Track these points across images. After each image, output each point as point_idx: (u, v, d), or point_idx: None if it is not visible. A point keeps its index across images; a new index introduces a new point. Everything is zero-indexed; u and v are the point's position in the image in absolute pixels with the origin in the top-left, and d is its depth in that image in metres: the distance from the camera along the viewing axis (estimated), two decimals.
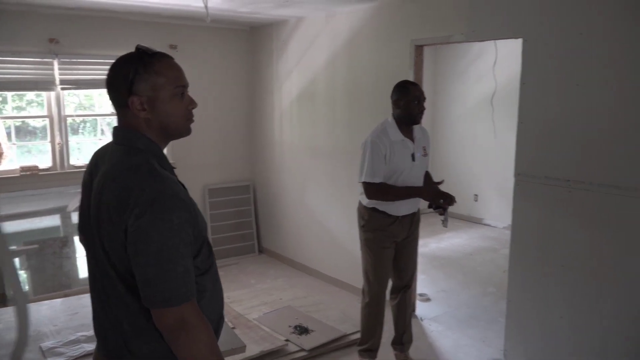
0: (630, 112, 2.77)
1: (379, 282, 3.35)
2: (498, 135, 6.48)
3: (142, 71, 1.41)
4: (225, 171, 5.86)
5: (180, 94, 1.47)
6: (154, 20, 5.00)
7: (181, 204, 1.33)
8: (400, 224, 3.26)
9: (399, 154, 3.14)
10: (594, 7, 2.87)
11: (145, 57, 1.42)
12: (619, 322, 2.91)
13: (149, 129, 1.45)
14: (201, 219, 1.43)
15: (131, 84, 1.40)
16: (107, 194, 1.37)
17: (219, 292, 1.56)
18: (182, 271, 1.31)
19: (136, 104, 1.41)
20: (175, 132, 1.51)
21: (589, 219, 3.01)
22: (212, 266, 1.50)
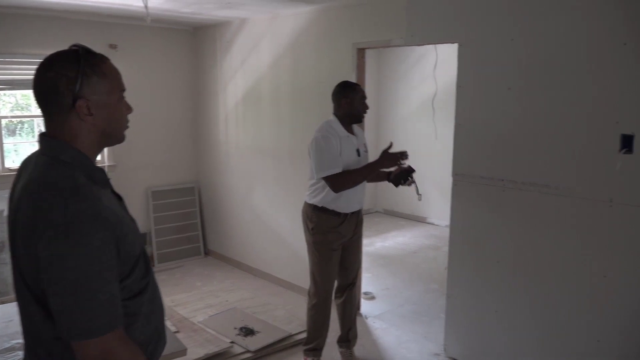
0: (558, 115, 2.92)
1: (327, 283, 3.39)
2: (439, 136, 6.66)
3: (90, 72, 1.29)
4: (170, 173, 5.78)
5: (122, 99, 1.40)
6: (93, 19, 4.87)
7: (103, 224, 1.20)
8: (349, 222, 3.31)
9: (347, 149, 3.21)
10: (524, 14, 3.01)
11: (90, 57, 1.30)
12: (552, 315, 3.06)
13: (88, 135, 1.33)
14: (133, 237, 1.32)
15: (77, 86, 1.27)
16: (22, 211, 1.25)
17: (158, 312, 1.46)
18: (105, 299, 1.19)
19: (84, 108, 1.28)
20: (115, 139, 1.42)
21: (521, 216, 3.15)
22: (149, 285, 1.40)
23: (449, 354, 3.64)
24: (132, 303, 1.33)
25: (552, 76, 2.93)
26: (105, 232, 1.20)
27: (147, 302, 1.39)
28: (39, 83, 1.29)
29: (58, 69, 1.27)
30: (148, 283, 1.39)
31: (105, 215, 1.22)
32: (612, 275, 2.79)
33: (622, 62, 2.66)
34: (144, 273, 1.37)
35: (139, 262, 1.35)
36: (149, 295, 1.39)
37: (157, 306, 1.45)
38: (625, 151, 2.68)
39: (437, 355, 3.67)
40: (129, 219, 1.37)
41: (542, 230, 3.07)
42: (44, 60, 1.31)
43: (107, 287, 1.20)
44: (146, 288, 1.38)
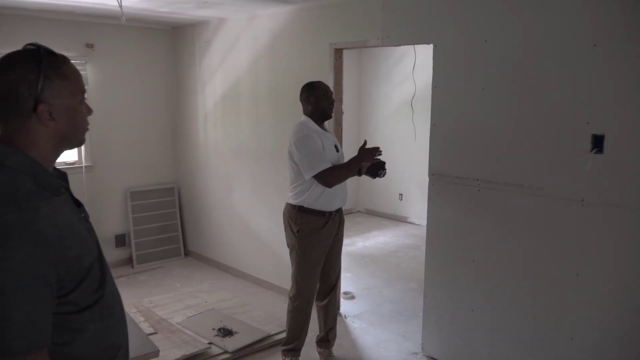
0: (531, 115, 2.96)
1: (310, 286, 3.38)
2: (418, 137, 6.70)
3: (52, 75, 1.22)
4: (149, 173, 5.73)
5: (83, 101, 1.33)
6: (69, 18, 4.82)
7: (33, 238, 1.11)
8: (332, 222, 3.32)
9: (327, 145, 3.24)
10: (497, 16, 3.04)
11: (51, 59, 1.24)
12: (526, 313, 3.10)
13: (47, 140, 1.26)
14: (80, 250, 1.24)
15: (39, 90, 1.20)
16: None
17: (115, 328, 1.38)
18: (25, 319, 1.10)
19: (46, 113, 1.22)
20: (75, 142, 1.34)
21: (496, 216, 3.18)
22: (102, 299, 1.30)
23: (426, 352, 3.67)
24: (78, 317, 1.25)
25: (525, 77, 2.96)
26: (34, 247, 1.12)
27: (98, 317, 1.30)
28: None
29: (19, 71, 1.20)
30: (101, 297, 1.31)
31: (39, 228, 1.13)
32: (584, 274, 2.83)
33: (592, 64, 2.70)
34: (96, 286, 1.29)
35: (89, 275, 1.27)
36: (100, 309, 1.30)
37: (115, 321, 1.37)
38: (596, 151, 2.72)
39: (415, 354, 3.69)
40: (80, 228, 1.28)
41: (516, 230, 3.10)
42: (2, 61, 1.22)
43: (28, 306, 1.11)
44: (98, 302, 1.29)
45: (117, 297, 1.42)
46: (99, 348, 1.32)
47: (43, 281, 1.13)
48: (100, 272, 1.32)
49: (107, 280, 1.35)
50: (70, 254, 1.20)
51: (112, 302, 1.37)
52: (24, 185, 1.18)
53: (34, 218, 1.14)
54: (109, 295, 1.35)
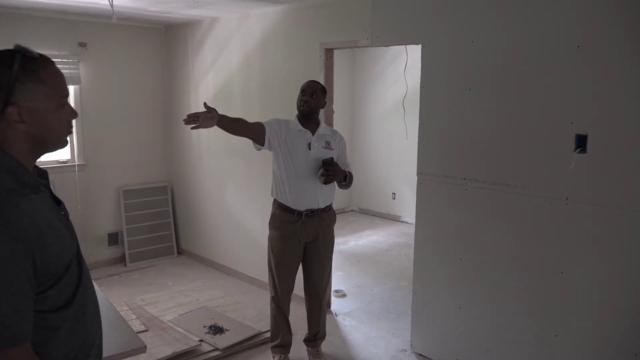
0: (516, 115, 3.00)
1: (280, 280, 3.41)
2: (409, 136, 6.73)
3: (24, 78, 1.22)
4: (141, 172, 5.75)
5: (63, 105, 1.32)
6: (61, 17, 4.83)
7: (14, 234, 1.14)
8: (304, 223, 3.30)
9: (294, 140, 3.27)
10: (483, 17, 3.08)
11: (26, 62, 1.24)
12: (512, 310, 3.14)
13: (19, 142, 1.26)
14: (59, 247, 1.26)
15: (9, 92, 1.21)
16: None
17: (89, 326, 1.40)
18: (8, 313, 1.13)
19: (14, 115, 1.22)
20: (53, 146, 1.34)
21: (483, 214, 3.22)
22: (76, 297, 1.32)
23: (415, 349, 3.70)
24: (55, 316, 1.28)
25: (511, 77, 3.00)
26: (16, 242, 1.14)
27: (73, 315, 1.32)
28: None
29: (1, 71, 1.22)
30: (77, 294, 1.32)
31: (18, 224, 1.16)
32: (568, 272, 2.87)
33: (576, 64, 2.73)
34: (74, 284, 1.32)
35: (67, 273, 1.29)
36: (75, 307, 1.32)
37: (88, 319, 1.39)
38: (580, 151, 2.76)
39: (404, 351, 3.73)
40: (60, 226, 1.30)
41: (503, 228, 3.14)
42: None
43: (12, 300, 1.14)
44: (74, 300, 1.31)
45: (92, 295, 1.44)
46: (70, 346, 1.34)
47: (25, 276, 1.16)
48: (77, 269, 1.34)
49: (84, 277, 1.37)
50: (50, 251, 1.22)
51: (87, 299, 1.38)
52: (3, 182, 1.20)
53: (15, 214, 1.16)
54: (84, 293, 1.37)
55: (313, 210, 3.31)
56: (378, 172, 7.61)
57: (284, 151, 3.26)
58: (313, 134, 3.32)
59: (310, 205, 3.31)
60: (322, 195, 3.34)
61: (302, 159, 3.26)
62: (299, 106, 3.32)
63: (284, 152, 3.26)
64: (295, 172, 3.26)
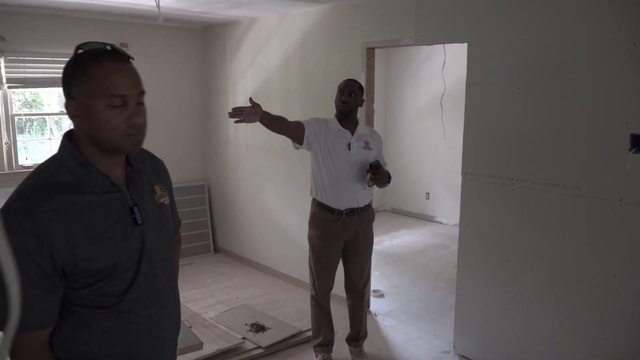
0: (568, 114, 2.94)
1: (321, 280, 3.42)
2: (447, 135, 6.68)
3: (78, 74, 1.26)
4: (180, 171, 5.82)
5: (120, 105, 1.27)
6: (103, 18, 4.92)
7: (29, 226, 1.17)
8: (344, 223, 3.30)
9: (333, 141, 3.27)
10: (533, 14, 3.03)
11: (81, 57, 1.27)
12: (561, 313, 3.08)
13: (83, 138, 1.31)
14: (95, 251, 1.25)
15: (69, 86, 1.27)
16: None
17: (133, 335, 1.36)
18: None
19: (71, 108, 1.27)
20: (110, 147, 1.30)
21: (531, 215, 3.17)
22: (121, 303, 1.31)
23: (458, 351, 3.67)
24: (90, 313, 1.29)
25: (562, 76, 2.95)
26: (28, 235, 1.17)
27: (114, 320, 1.32)
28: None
29: (65, 68, 1.29)
30: (121, 302, 1.31)
31: (40, 219, 1.18)
32: (621, 275, 2.81)
33: (631, 62, 2.67)
34: (121, 291, 1.31)
35: (110, 277, 1.28)
36: (116, 314, 1.32)
37: (133, 331, 1.35)
38: (635, 151, 2.69)
39: (447, 353, 3.70)
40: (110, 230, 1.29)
41: (551, 230, 3.09)
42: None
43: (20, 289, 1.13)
44: (115, 306, 1.31)
45: (154, 306, 1.39)
46: (105, 351, 1.33)
47: (37, 268, 1.19)
48: (132, 275, 1.33)
49: (138, 287, 1.34)
50: (77, 251, 1.23)
51: (139, 310, 1.36)
52: (55, 176, 1.25)
53: (42, 208, 1.20)
54: (133, 303, 1.34)
55: (353, 209, 3.31)
56: (411, 171, 7.56)
57: (323, 151, 3.27)
58: (352, 133, 3.31)
59: (350, 204, 3.31)
60: (362, 194, 3.35)
61: (342, 159, 3.26)
62: (337, 106, 3.32)
63: (323, 152, 3.27)
64: (335, 172, 3.26)
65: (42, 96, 5.22)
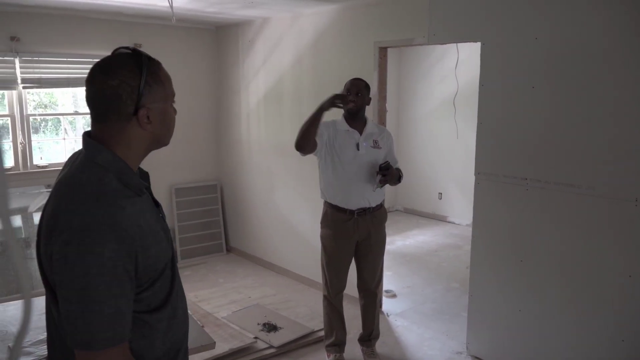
0: (583, 113, 2.91)
1: (333, 279, 3.41)
2: (460, 135, 6.64)
3: (151, 81, 1.27)
4: (192, 171, 5.86)
5: (173, 103, 1.38)
6: (117, 18, 4.96)
7: (120, 236, 1.16)
8: (356, 222, 3.30)
9: (342, 141, 3.26)
10: (548, 12, 3.00)
11: (151, 65, 1.29)
12: (576, 314, 3.05)
13: (142, 142, 1.32)
14: (157, 250, 1.28)
15: (140, 95, 1.25)
16: (48, 209, 1.25)
17: (177, 328, 1.40)
18: (110, 313, 1.15)
19: (142, 117, 1.27)
20: (165, 143, 1.39)
21: (545, 215, 3.14)
22: (169, 300, 1.34)
23: (471, 352, 3.65)
24: (150, 318, 1.30)
25: (577, 74, 2.91)
26: (120, 244, 1.16)
27: (166, 318, 1.34)
28: (100, 90, 1.25)
29: (122, 77, 1.23)
30: (169, 299, 1.34)
31: (124, 226, 1.18)
32: (637, 275, 2.77)
33: None
34: (168, 289, 1.34)
35: (162, 276, 1.31)
36: (169, 310, 1.35)
37: (177, 323, 1.40)
38: None
39: (460, 354, 3.68)
40: (159, 228, 1.33)
41: (566, 230, 3.05)
42: (103, 65, 1.27)
43: (114, 301, 1.15)
44: (167, 303, 1.34)
45: (183, 299, 1.45)
46: (162, 349, 1.35)
47: (127, 277, 1.18)
48: (171, 273, 1.36)
49: (176, 281, 1.39)
50: (149, 254, 1.24)
51: (178, 303, 1.40)
52: (110, 183, 1.23)
53: (121, 216, 1.19)
54: (176, 297, 1.38)
55: (364, 209, 3.30)
56: (424, 171, 7.53)
57: (332, 154, 3.26)
58: (361, 133, 3.30)
59: (361, 204, 3.30)
60: (372, 194, 3.33)
61: (350, 160, 3.25)
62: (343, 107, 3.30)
63: (332, 154, 3.26)
64: (344, 173, 3.25)
65: (57, 96, 5.27)
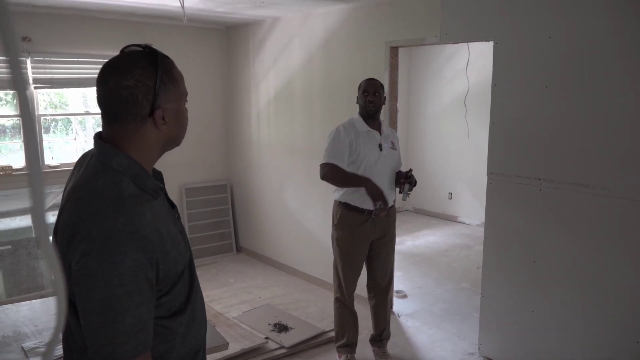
0: (597, 113, 2.88)
1: (347, 280, 3.40)
2: (471, 135, 6.61)
3: (167, 80, 1.23)
4: (203, 170, 5.86)
5: (186, 102, 1.34)
6: (128, 19, 4.97)
7: (141, 244, 1.13)
8: (373, 222, 3.29)
9: (365, 143, 3.24)
10: (561, 11, 2.97)
11: (165, 64, 1.24)
12: (590, 316, 3.02)
13: (156, 143, 1.28)
14: (176, 254, 1.24)
15: (155, 95, 1.21)
16: (64, 216, 1.20)
17: (195, 332, 1.37)
18: (133, 323, 1.12)
19: (158, 117, 1.23)
20: (178, 143, 1.36)
21: (559, 216, 3.11)
22: (189, 303, 1.32)
23: (483, 353, 3.62)
24: (169, 322, 1.27)
25: (591, 74, 2.88)
26: (141, 252, 1.13)
27: (185, 321, 1.32)
28: (114, 90, 1.20)
29: (138, 77, 1.19)
30: (190, 301, 1.32)
31: (144, 234, 1.15)
32: None
33: None
34: (187, 292, 1.31)
35: (181, 279, 1.28)
36: (189, 313, 1.32)
37: (197, 325, 1.37)
38: None
39: (472, 355, 3.66)
40: (176, 231, 1.29)
41: (580, 231, 3.03)
42: (116, 64, 1.23)
43: (137, 310, 1.13)
44: (187, 306, 1.31)
45: (201, 301, 1.42)
46: (182, 353, 1.33)
47: (148, 285, 1.16)
48: (189, 276, 1.33)
49: (195, 283, 1.36)
50: (169, 258, 1.21)
51: (197, 305, 1.37)
52: (128, 189, 1.19)
53: (141, 223, 1.15)
54: (195, 299, 1.35)
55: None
56: (434, 171, 7.50)
57: (355, 156, 3.24)
58: (380, 133, 3.30)
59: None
60: (390, 193, 3.33)
61: (373, 161, 3.24)
62: (364, 107, 3.29)
63: (353, 156, 3.24)
64: (368, 174, 3.20)
65: (67, 97, 5.29)
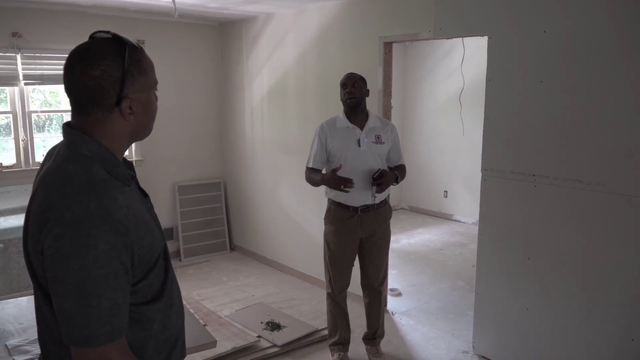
0: (591, 109, 2.85)
1: (337, 277, 3.37)
2: (466, 132, 6.58)
3: (134, 71, 1.21)
4: (196, 168, 5.82)
5: (155, 92, 1.31)
6: (120, 14, 4.92)
7: (114, 227, 1.11)
8: (360, 219, 3.25)
9: (342, 140, 3.22)
10: (556, 6, 2.94)
11: (133, 54, 1.21)
12: (584, 313, 3.00)
13: (124, 132, 1.26)
14: (151, 239, 1.23)
15: (122, 85, 1.19)
16: (35, 204, 1.18)
17: (175, 318, 1.36)
18: (108, 307, 1.10)
19: (125, 108, 1.21)
20: (147, 133, 1.35)
21: (553, 212, 3.08)
22: (165, 289, 1.30)
23: (477, 351, 3.59)
24: (147, 309, 1.26)
25: (586, 69, 2.85)
26: (115, 235, 1.11)
27: (162, 308, 1.30)
28: (80, 81, 1.18)
29: (104, 67, 1.17)
30: (165, 287, 1.31)
31: (118, 217, 1.13)
32: None
33: None
34: (162, 278, 1.30)
35: (156, 266, 1.27)
36: (165, 301, 1.31)
37: (174, 312, 1.35)
38: None
39: (466, 353, 3.63)
40: (149, 218, 1.27)
41: (574, 227, 3.00)
42: (83, 54, 1.21)
43: (111, 294, 1.11)
44: (163, 293, 1.30)
45: (177, 289, 1.41)
46: (161, 340, 1.31)
47: (123, 269, 1.14)
48: (164, 262, 1.32)
49: (170, 270, 1.35)
50: (143, 244, 1.20)
51: (173, 293, 1.36)
52: (99, 174, 1.17)
53: (114, 207, 1.13)
54: (171, 286, 1.34)
55: (368, 206, 3.25)
56: (429, 169, 7.47)
57: (332, 153, 3.24)
58: (362, 128, 3.24)
59: (365, 201, 3.24)
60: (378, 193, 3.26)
61: (351, 157, 3.20)
62: (344, 101, 3.27)
63: (332, 154, 3.24)
64: (345, 170, 3.16)
65: (61, 95, 5.24)
